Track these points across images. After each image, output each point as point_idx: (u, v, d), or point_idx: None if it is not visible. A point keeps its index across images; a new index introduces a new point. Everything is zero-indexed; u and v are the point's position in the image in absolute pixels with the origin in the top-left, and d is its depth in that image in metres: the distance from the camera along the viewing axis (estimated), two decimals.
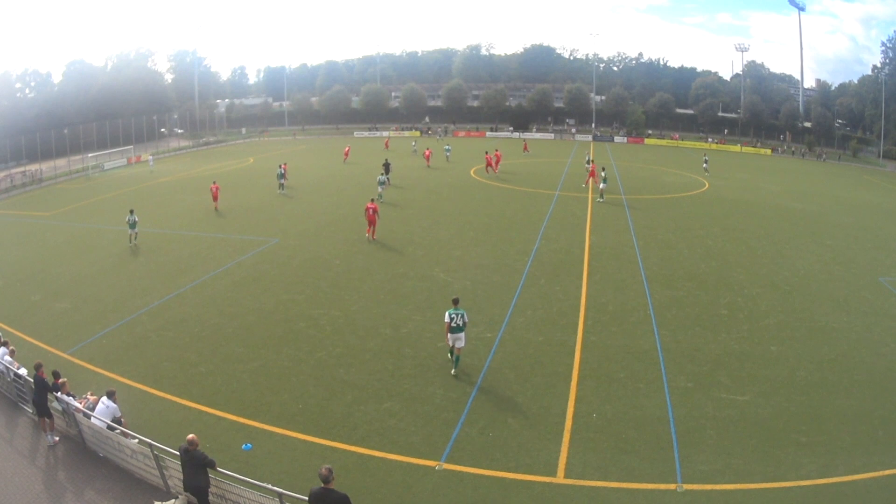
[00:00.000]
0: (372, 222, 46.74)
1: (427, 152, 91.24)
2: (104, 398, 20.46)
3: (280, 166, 70.47)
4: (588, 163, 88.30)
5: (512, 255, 42.28)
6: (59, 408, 21.28)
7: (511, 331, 30.19)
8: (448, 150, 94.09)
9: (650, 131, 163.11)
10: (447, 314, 25.52)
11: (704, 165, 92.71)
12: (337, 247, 44.09)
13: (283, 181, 67.87)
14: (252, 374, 25.65)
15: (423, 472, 19.39)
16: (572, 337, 29.64)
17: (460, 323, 25.45)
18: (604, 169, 71.25)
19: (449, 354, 26.75)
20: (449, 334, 25.61)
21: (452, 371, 26.10)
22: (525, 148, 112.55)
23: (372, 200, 48.60)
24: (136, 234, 45.90)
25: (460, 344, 25.78)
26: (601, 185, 66.00)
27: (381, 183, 64.32)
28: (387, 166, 71.88)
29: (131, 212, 46.11)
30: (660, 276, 39.03)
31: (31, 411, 22.24)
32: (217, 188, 59.21)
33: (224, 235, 47.55)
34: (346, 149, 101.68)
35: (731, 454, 20.47)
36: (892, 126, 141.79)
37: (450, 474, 19.29)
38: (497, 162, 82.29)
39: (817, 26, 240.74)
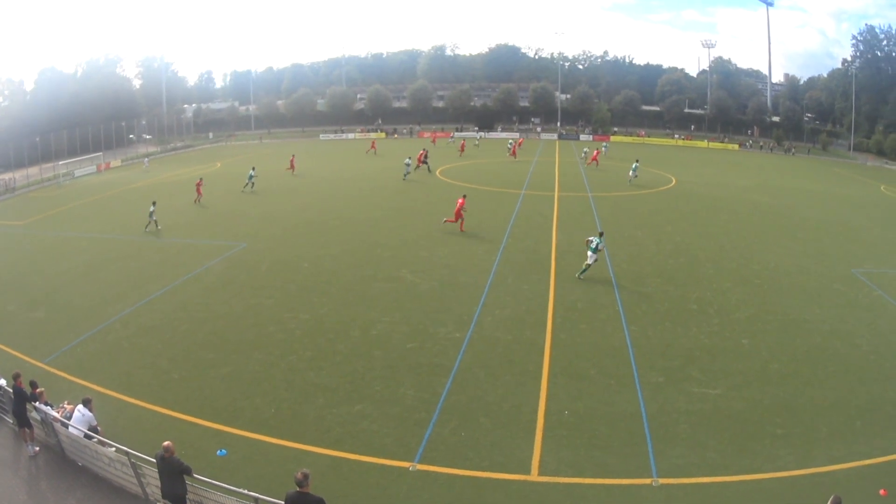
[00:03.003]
0: (458, 216, 49.26)
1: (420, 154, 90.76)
2: (80, 406, 20.39)
3: (252, 168, 72.27)
4: (584, 154, 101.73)
5: (479, 255, 42.35)
6: (38, 417, 21.07)
7: (480, 330, 30.20)
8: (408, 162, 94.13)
9: (616, 129, 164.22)
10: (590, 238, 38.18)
11: (583, 155, 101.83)
12: (304, 250, 43.82)
13: (252, 181, 69.87)
14: (224, 380, 25.51)
15: (398, 473, 19.44)
16: (541, 335, 29.74)
17: (593, 246, 37.49)
18: (637, 160, 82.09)
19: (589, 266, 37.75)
20: (588, 251, 37.74)
21: (577, 275, 37.88)
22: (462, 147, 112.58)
23: (463, 197, 51.12)
24: (154, 221, 50.77)
25: (589, 261, 37.66)
26: (630, 174, 77.62)
27: (407, 165, 77.71)
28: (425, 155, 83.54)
29: (154, 203, 51.64)
30: (628, 273, 39.33)
31: (11, 422, 22.00)
32: (200, 183, 63.25)
33: (193, 241, 47.14)
34: (373, 142, 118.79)
35: (706, 447, 20.71)
36: (862, 119, 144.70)
37: (424, 475, 19.35)
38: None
39: (786, 21, 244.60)
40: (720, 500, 18.24)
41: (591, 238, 37.92)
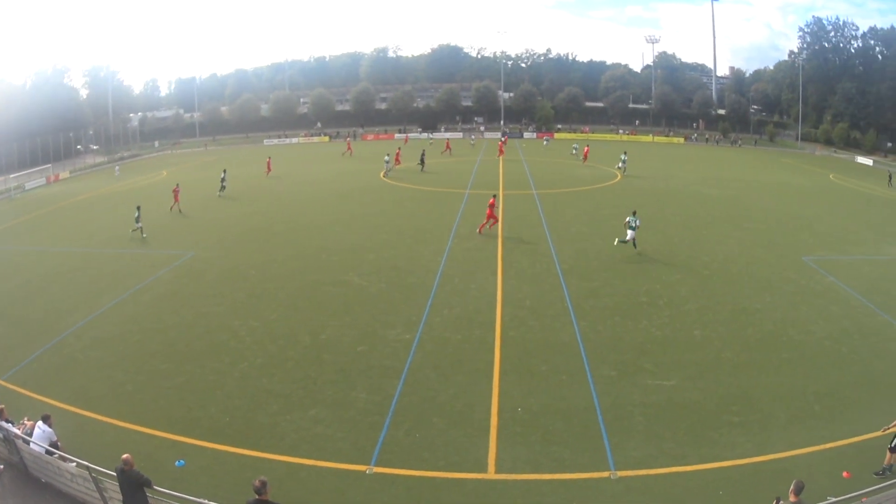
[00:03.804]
0: (490, 217, 49.19)
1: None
2: (39, 423, 20.14)
3: (224, 171, 73.34)
4: (574, 150, 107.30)
5: (425, 256, 42.43)
6: (0, 435, 20.70)
7: (429, 331, 30.26)
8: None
9: (559, 126, 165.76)
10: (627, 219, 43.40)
11: (573, 151, 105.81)
12: (251, 257, 43.41)
13: (224, 184, 70.65)
14: (178, 390, 25.26)
15: (355, 476, 19.41)
16: (491, 333, 29.85)
17: (632, 224, 42.77)
18: (625, 152, 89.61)
19: (628, 242, 42.95)
20: (627, 230, 42.91)
21: (636, 249, 43.00)
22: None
23: (493, 196, 51.22)
24: (140, 227, 51.05)
25: (627, 238, 42.93)
26: (619, 165, 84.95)
27: (387, 162, 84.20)
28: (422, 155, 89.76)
29: (137, 208, 51.68)
30: (575, 269, 39.63)
31: None
32: (177, 189, 63.04)
33: (142, 251, 46.51)
34: (349, 144, 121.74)
35: (663, 438, 20.94)
36: (810, 109, 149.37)
37: (381, 477, 19.35)
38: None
39: (732, 15, 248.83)
40: (680, 490, 18.46)
41: (627, 219, 43.11)
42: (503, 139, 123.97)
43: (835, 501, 15.92)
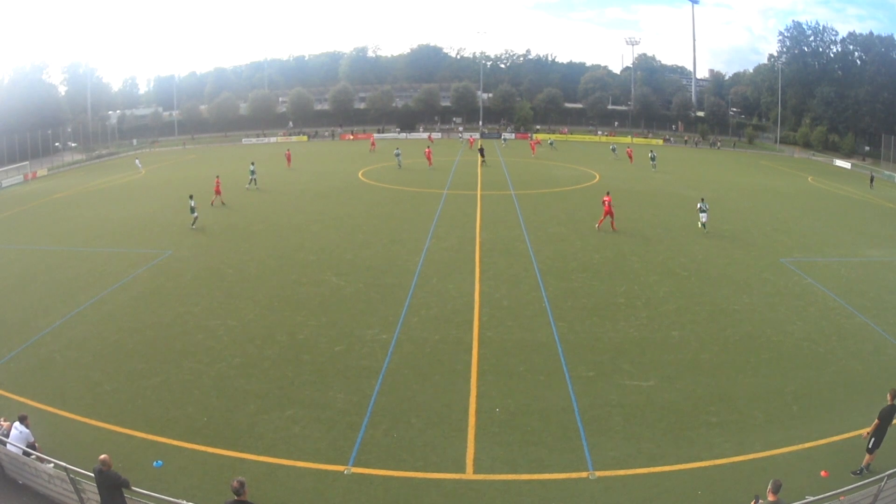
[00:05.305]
0: (608, 213, 50.59)
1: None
2: (16, 423, 19.94)
3: (252, 163, 74.84)
4: (614, 151, 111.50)
5: (403, 256, 42.43)
6: None
7: (406, 331, 30.25)
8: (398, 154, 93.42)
9: (538, 126, 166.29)
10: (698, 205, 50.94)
11: (614, 153, 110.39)
12: (229, 256, 43.23)
13: (254, 177, 73.27)
14: (156, 390, 25.09)
15: (333, 477, 19.39)
16: (468, 334, 29.90)
17: (703, 208, 50.06)
18: (651, 150, 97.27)
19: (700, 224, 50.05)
20: (700, 214, 50.02)
21: (704, 228, 49.96)
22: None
23: (608, 193, 52.43)
24: (196, 217, 52.38)
25: (703, 220, 49.97)
26: (653, 165, 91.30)
27: (398, 155, 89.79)
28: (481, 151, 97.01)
29: (191, 197, 53.62)
30: (553, 269, 39.74)
31: None
32: (218, 181, 63.95)
33: (119, 250, 46.03)
34: (373, 141, 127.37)
35: (641, 438, 21.05)
36: (788, 112, 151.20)
37: (359, 478, 19.34)
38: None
39: (712, 18, 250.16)
40: (659, 490, 18.55)
41: (698, 205, 50.75)
42: (536, 139, 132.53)
43: (813, 500, 16.06)
